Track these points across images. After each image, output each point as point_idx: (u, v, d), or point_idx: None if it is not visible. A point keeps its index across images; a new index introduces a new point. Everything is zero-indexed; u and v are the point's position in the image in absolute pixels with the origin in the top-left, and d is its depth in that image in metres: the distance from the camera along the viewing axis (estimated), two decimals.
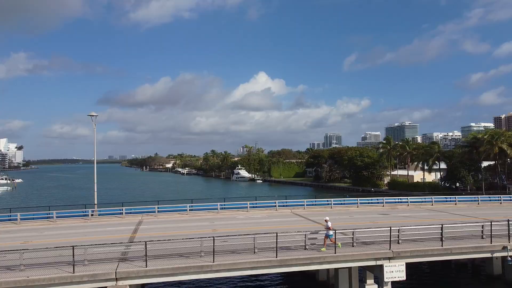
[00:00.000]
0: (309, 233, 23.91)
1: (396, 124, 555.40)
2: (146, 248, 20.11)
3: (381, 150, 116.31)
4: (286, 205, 42.87)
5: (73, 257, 19.44)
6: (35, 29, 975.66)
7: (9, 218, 36.98)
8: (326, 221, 23.34)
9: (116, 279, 19.51)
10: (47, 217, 37.42)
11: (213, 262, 20.51)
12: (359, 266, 24.62)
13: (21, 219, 36.14)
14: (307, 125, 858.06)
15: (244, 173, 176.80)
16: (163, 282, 25.35)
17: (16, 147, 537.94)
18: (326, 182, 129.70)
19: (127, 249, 23.22)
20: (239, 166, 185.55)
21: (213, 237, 21.15)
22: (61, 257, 20.72)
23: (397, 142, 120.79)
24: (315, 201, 44.96)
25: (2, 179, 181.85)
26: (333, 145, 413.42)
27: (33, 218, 36.86)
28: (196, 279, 26.15)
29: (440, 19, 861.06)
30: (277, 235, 21.54)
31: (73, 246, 19.61)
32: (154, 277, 20.18)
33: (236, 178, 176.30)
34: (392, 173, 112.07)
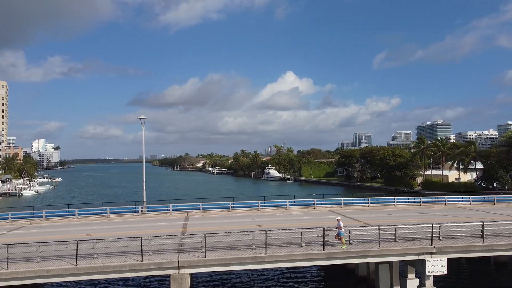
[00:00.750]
0: (355, 228, 25.28)
1: (428, 122, 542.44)
2: (205, 240, 22.07)
3: (414, 150, 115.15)
4: (324, 203, 44.16)
5: (141, 247, 21.66)
6: (70, 34, 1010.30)
7: (67, 213, 40.10)
8: (338, 220, 24.44)
9: (179, 268, 21.55)
10: (101, 213, 40.36)
11: (265, 253, 22.24)
12: (400, 261, 25.78)
13: (78, 214, 39.17)
14: (335, 125, 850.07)
15: (274, 172, 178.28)
16: (219, 271, 27.33)
17: (53, 147, 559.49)
18: (357, 182, 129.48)
19: (184, 241, 25.31)
20: (269, 165, 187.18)
21: (265, 230, 22.91)
22: (128, 247, 23.05)
23: (429, 142, 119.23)
24: (352, 199, 46.04)
25: (44, 178, 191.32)
26: (363, 145, 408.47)
27: (89, 214, 39.87)
28: (240, 270, 28.19)
29: (474, 14, 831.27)
30: (324, 230, 23.04)
31: (141, 238, 21.85)
32: (213, 267, 22.13)
33: (267, 177, 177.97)
34: (426, 173, 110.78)
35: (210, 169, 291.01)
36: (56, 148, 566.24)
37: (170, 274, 21.56)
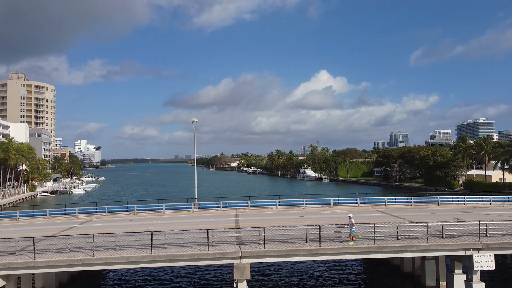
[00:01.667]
0: (402, 225, 26.64)
1: (469, 121, 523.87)
2: (264, 234, 24.19)
3: (455, 149, 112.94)
4: (367, 202, 45.36)
5: (208, 238, 24.07)
6: (109, 38, 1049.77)
7: (127, 209, 43.47)
8: (349, 217, 25.67)
9: (241, 258, 23.77)
10: (157, 209, 43.48)
11: (320, 246, 24.09)
12: (446, 257, 26.89)
13: (137, 210, 42.44)
14: (370, 124, 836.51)
15: (310, 172, 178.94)
16: (276, 262, 29.50)
17: (94, 148, 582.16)
18: (396, 182, 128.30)
19: (241, 235, 27.54)
20: (305, 165, 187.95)
21: (319, 225, 24.73)
22: (193, 239, 25.56)
23: (471, 141, 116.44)
24: (395, 198, 46.97)
25: (88, 177, 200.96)
26: (399, 144, 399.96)
27: (146, 210, 43.07)
28: (289, 262, 30.21)
29: None
30: (374, 226, 24.61)
31: (207, 230, 24.28)
32: (271, 257, 24.24)
33: (302, 177, 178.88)
34: (468, 173, 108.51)
35: (245, 168, 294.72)
36: (97, 149, 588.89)
37: (233, 263, 23.81)
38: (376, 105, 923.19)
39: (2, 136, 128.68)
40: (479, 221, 25.42)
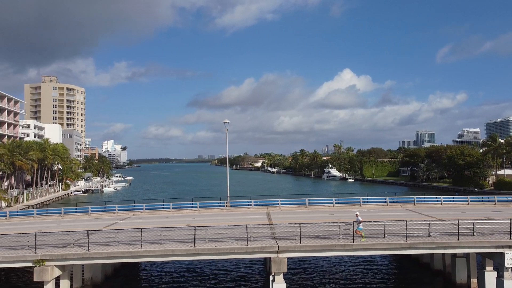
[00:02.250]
0: (433, 222, 27.43)
1: (498, 119, 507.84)
2: (300, 230, 25.50)
3: (484, 148, 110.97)
4: (396, 201, 45.97)
5: (247, 233, 25.57)
6: (133, 40, 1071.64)
7: (162, 207, 45.61)
8: (357, 215, 26.64)
9: (278, 252, 25.15)
10: (191, 207, 45.41)
11: (353, 242, 25.22)
12: (477, 254, 27.46)
13: (172, 207, 44.49)
14: (395, 123, 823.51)
15: (335, 172, 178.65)
16: (307, 257, 30.79)
17: (121, 148, 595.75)
18: (423, 181, 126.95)
19: (276, 231, 28.94)
20: (329, 165, 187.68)
21: (353, 222, 25.85)
22: (233, 234, 27.13)
23: (501, 140, 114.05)
24: (424, 197, 47.34)
25: (117, 176, 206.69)
26: (426, 143, 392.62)
27: (181, 207, 45.06)
28: (319, 257, 31.43)
29: None
30: (406, 223, 25.55)
31: (246, 225, 25.78)
32: (306, 252, 25.53)
33: (327, 177, 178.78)
34: (498, 172, 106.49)
35: (269, 168, 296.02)
36: (124, 149, 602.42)
37: (270, 257, 25.20)
38: (401, 103, 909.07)
39: (38, 137, 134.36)
40: (511, 219, 25.95)
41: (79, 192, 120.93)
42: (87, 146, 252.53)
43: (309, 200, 45.81)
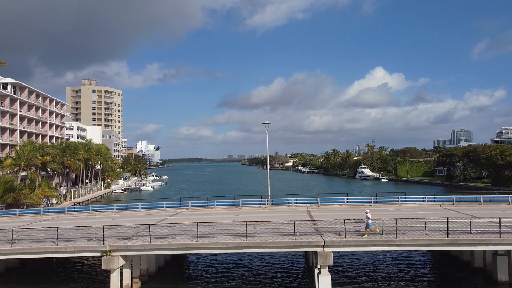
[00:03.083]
0: (474, 220, 28.32)
1: None
2: (345, 226, 27.07)
3: None
4: (435, 200, 46.53)
5: (294, 228, 27.42)
6: (165, 42, 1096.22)
7: (206, 204, 48.14)
8: (366, 213, 28.14)
9: (323, 246, 26.83)
10: (234, 204, 47.70)
11: (396, 238, 26.55)
12: None
13: (216, 205, 46.94)
14: (429, 121, 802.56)
15: (368, 172, 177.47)
16: (351, 251, 32.32)
17: (154, 148, 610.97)
18: (460, 181, 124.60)
19: (320, 226, 30.63)
20: (362, 165, 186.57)
21: (395, 218, 27.16)
22: (280, 229, 29.04)
23: None
24: (464, 197, 47.65)
25: (153, 176, 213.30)
26: (462, 142, 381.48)
27: (224, 205, 47.44)
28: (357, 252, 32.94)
29: None
30: (448, 220, 26.64)
31: (294, 221, 27.64)
32: (351, 247, 27.10)
33: (360, 177, 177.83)
34: None
35: (300, 168, 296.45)
36: (157, 149, 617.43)
37: (317, 251, 26.92)
38: (435, 101, 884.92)
39: (80, 138, 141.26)
40: None
41: (120, 191, 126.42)
42: (124, 146, 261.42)
43: (347, 198, 47.10)
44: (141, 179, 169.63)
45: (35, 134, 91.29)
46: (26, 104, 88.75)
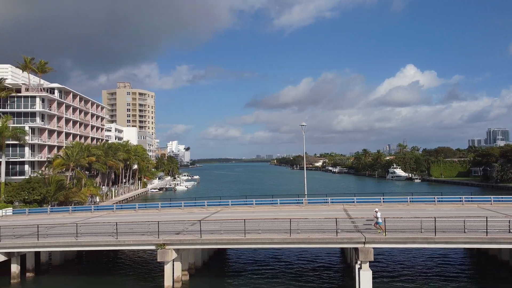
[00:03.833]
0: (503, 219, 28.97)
1: None
2: (385, 224, 28.39)
3: None
4: (472, 201, 46.78)
5: (336, 226, 28.97)
6: (194, 44, 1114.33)
7: (245, 203, 50.24)
8: (376, 211, 29.66)
9: (364, 243, 28.24)
10: (272, 203, 49.59)
11: (435, 235, 27.64)
12: None
13: (255, 203, 48.95)
14: (463, 120, 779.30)
15: (400, 172, 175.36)
16: (390, 248, 33.58)
17: (184, 148, 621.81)
18: (497, 182, 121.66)
19: (356, 224, 32.03)
20: (394, 165, 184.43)
21: (434, 217, 28.24)
22: (321, 226, 30.66)
23: None
24: (502, 197, 47.60)
25: (185, 175, 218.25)
26: (499, 142, 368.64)
27: (263, 203, 49.39)
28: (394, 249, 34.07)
29: None
30: (487, 219, 27.48)
31: (336, 219, 29.19)
32: (391, 243, 28.41)
33: (392, 177, 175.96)
34: None
35: (330, 168, 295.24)
36: (187, 149, 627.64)
37: (357, 247, 28.35)
38: (469, 99, 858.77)
39: (117, 139, 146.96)
40: None
41: (155, 190, 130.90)
42: (157, 147, 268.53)
43: (383, 198, 48.04)
44: (175, 178, 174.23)
45: (78, 136, 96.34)
46: (71, 107, 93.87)
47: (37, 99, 79.23)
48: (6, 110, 77.19)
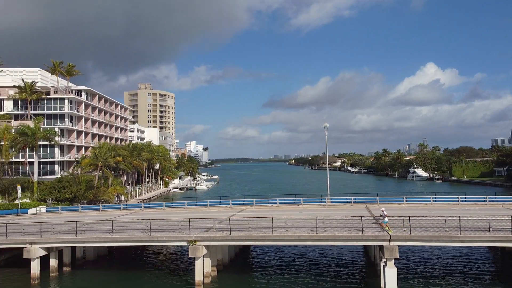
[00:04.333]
0: None
1: None
2: (410, 222, 29.07)
3: None
4: (496, 200, 46.78)
5: (362, 224, 29.85)
6: (212, 45, 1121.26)
7: (269, 202, 51.39)
8: (382, 210, 30.59)
9: (389, 240, 29.00)
10: (295, 202, 50.60)
11: (460, 234, 28.20)
12: None
13: (279, 203, 50.06)
14: (485, 119, 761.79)
15: (421, 172, 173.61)
16: (419, 246, 34.29)
17: (203, 148, 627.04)
18: None
19: (379, 222, 32.67)
20: (415, 165, 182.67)
21: (459, 216, 28.80)
22: (347, 224, 31.56)
23: None
24: None
25: (205, 175, 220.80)
26: None
27: (286, 203, 50.46)
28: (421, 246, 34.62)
29: None
30: None
31: (361, 217, 30.07)
32: (416, 241, 29.08)
33: (412, 177, 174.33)
34: None
35: (349, 168, 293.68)
36: (205, 149, 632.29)
37: (383, 245, 29.13)
38: (492, 97, 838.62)
39: (139, 140, 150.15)
40: None
41: (177, 189, 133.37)
42: (176, 147, 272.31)
43: (406, 198, 48.46)
44: (195, 178, 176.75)
45: (104, 137, 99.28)
46: (97, 109, 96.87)
47: (66, 101, 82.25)
48: (36, 112, 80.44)
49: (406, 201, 48.12)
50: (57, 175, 75.31)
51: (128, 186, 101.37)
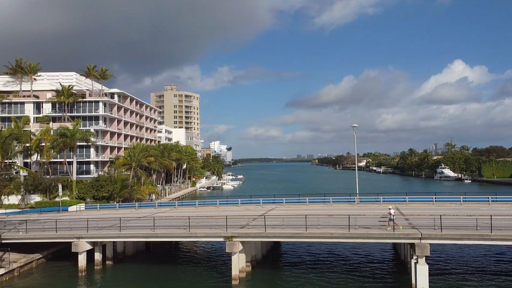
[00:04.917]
0: None
1: None
2: (441, 221, 29.82)
3: None
4: None
5: (393, 222, 30.80)
6: (234, 45, 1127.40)
7: (298, 201, 52.70)
8: (389, 209, 31.24)
9: (420, 238, 29.75)
10: (324, 201, 51.73)
11: (491, 232, 28.79)
12: None
13: (308, 202, 51.33)
14: None
15: (449, 172, 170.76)
16: (449, 244, 35.03)
17: (226, 148, 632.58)
18: None
19: (409, 221, 33.57)
20: (442, 165, 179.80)
21: (490, 215, 29.38)
22: (377, 222, 32.56)
23: None
24: None
25: (229, 175, 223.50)
26: None
27: (315, 202, 51.67)
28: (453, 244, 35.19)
29: None
30: None
31: (392, 215, 31.00)
32: (447, 240, 29.83)
33: (440, 177, 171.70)
34: None
35: (374, 168, 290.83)
36: (229, 149, 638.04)
37: (414, 243, 29.97)
38: None
39: (167, 140, 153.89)
40: None
41: (204, 189, 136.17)
42: (202, 147, 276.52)
43: (436, 197, 48.84)
44: (221, 178, 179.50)
45: (134, 137, 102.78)
46: (128, 110, 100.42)
47: (100, 104, 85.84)
48: (73, 114, 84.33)
49: (435, 200, 48.49)
50: (93, 174, 78.81)
51: (158, 185, 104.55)
